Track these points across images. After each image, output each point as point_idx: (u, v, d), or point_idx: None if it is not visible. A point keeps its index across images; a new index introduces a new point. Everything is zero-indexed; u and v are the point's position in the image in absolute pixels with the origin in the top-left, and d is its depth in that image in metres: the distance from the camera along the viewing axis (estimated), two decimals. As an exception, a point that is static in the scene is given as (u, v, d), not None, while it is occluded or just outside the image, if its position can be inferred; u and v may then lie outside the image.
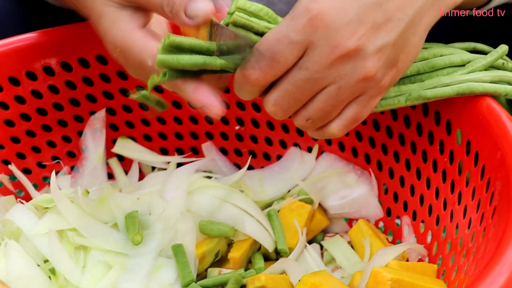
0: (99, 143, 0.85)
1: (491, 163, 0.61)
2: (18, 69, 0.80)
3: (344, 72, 0.58)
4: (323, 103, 0.60)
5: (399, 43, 0.59)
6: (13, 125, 0.82)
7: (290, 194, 0.83)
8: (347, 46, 0.57)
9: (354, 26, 0.57)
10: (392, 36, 0.58)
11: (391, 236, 0.79)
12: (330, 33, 0.56)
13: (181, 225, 0.74)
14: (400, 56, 0.60)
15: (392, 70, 0.60)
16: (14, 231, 0.72)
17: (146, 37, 0.63)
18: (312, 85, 0.59)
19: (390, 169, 0.78)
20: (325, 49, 0.57)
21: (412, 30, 0.59)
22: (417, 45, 0.61)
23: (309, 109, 0.60)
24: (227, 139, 0.87)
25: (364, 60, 0.57)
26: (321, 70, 0.58)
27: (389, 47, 0.58)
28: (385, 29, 0.58)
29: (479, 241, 0.60)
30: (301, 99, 0.60)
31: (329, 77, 0.58)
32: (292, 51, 0.57)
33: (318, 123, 0.62)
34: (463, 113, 0.66)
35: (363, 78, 0.58)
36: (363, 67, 0.58)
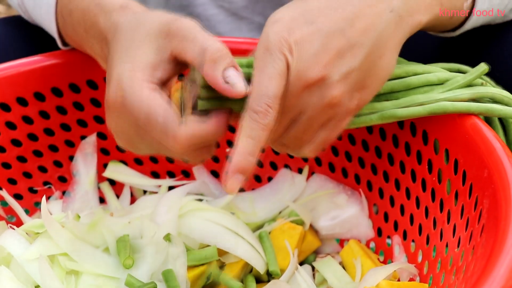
0: (90, 167, 0.85)
1: (479, 181, 0.62)
2: (9, 95, 0.80)
3: (312, 101, 0.60)
4: (295, 131, 0.62)
5: (365, 67, 0.60)
6: (4, 151, 0.82)
7: (281, 216, 0.83)
8: (313, 77, 0.59)
9: (320, 56, 0.59)
10: (357, 61, 0.60)
11: (382, 256, 0.79)
12: (298, 67, 0.58)
13: (172, 248, 0.74)
14: (367, 79, 0.61)
15: (360, 93, 0.61)
16: (5, 257, 0.72)
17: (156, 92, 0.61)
18: (284, 117, 0.61)
19: (380, 189, 0.78)
20: (293, 83, 0.59)
21: (377, 53, 0.61)
22: (385, 67, 0.62)
23: (284, 137, 0.63)
24: (218, 162, 0.88)
25: (329, 87, 0.59)
26: (290, 104, 0.60)
27: (354, 72, 0.60)
28: (349, 55, 0.59)
29: (469, 260, 0.60)
30: (276, 130, 0.61)
31: (299, 107, 0.60)
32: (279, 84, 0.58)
33: (292, 147, 0.64)
34: (450, 133, 0.67)
35: (329, 105, 0.60)
36: (329, 94, 0.59)
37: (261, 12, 0.94)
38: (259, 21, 0.95)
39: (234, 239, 0.76)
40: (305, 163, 0.84)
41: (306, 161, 0.84)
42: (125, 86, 0.61)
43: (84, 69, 0.82)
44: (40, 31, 0.86)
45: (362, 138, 0.78)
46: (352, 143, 0.79)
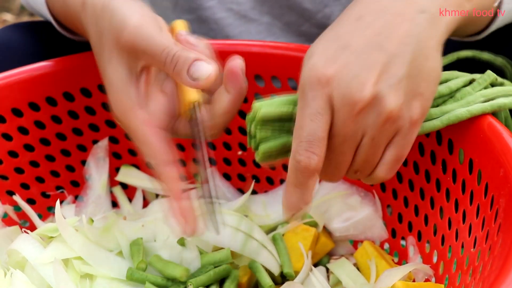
0: (102, 171, 0.85)
1: (494, 181, 0.61)
2: (21, 100, 0.80)
3: (370, 121, 0.58)
4: (363, 156, 0.60)
5: (413, 73, 0.58)
6: (17, 156, 0.82)
7: (294, 218, 0.82)
8: (363, 98, 0.57)
9: (363, 76, 0.57)
10: (403, 69, 0.58)
11: (396, 257, 0.79)
12: (343, 93, 0.57)
13: (186, 253, 0.74)
14: (420, 84, 0.59)
15: (418, 100, 0.59)
16: (19, 261, 0.72)
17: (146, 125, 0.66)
18: (348, 146, 0.59)
19: (393, 190, 0.78)
20: (345, 109, 0.57)
21: (422, 56, 0.59)
22: (433, 67, 0.60)
23: (353, 164, 0.61)
24: (230, 165, 0.88)
25: (383, 103, 0.57)
26: (349, 129, 0.58)
27: (403, 81, 0.58)
28: (393, 66, 0.58)
29: (485, 259, 0.60)
30: (345, 160, 0.60)
31: (359, 131, 0.58)
32: (324, 121, 0.58)
33: (365, 172, 0.62)
34: (464, 132, 0.67)
35: (389, 120, 0.58)
36: (385, 110, 0.57)
37: (269, 12, 0.94)
38: (267, 21, 0.95)
39: (248, 241, 0.76)
40: (318, 165, 0.84)
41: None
42: (117, 113, 0.68)
43: (95, 74, 0.81)
44: (52, 36, 0.86)
45: (375, 139, 0.77)
46: (365, 144, 0.79)
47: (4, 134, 0.80)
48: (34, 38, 0.87)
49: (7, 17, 2.12)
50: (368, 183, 0.64)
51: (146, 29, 0.64)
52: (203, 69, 0.61)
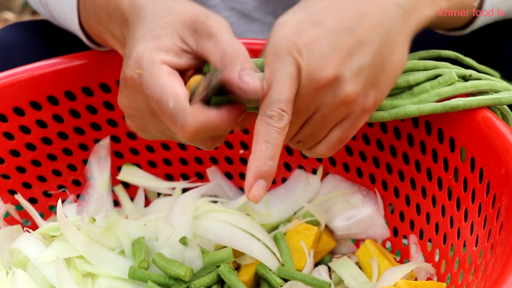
0: (104, 170, 0.85)
1: (496, 179, 0.61)
2: (23, 99, 0.80)
3: (326, 100, 0.60)
4: (310, 128, 0.62)
5: (376, 63, 0.60)
6: (19, 155, 0.82)
7: (296, 217, 0.83)
8: (325, 77, 0.59)
9: (330, 56, 0.59)
10: (368, 58, 0.60)
11: (398, 255, 0.78)
12: (309, 68, 0.58)
13: (188, 252, 0.74)
14: (380, 76, 0.61)
15: (374, 91, 0.61)
16: (21, 260, 0.72)
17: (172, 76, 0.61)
18: (298, 117, 0.61)
19: (395, 188, 0.78)
20: (307, 84, 0.59)
21: (388, 48, 0.61)
22: (397, 63, 0.62)
23: (299, 134, 0.63)
24: (232, 163, 0.88)
25: (342, 86, 0.59)
26: (304, 104, 0.60)
27: (366, 69, 0.60)
28: (359, 52, 0.59)
29: (487, 258, 0.60)
30: (292, 129, 0.62)
31: (313, 107, 0.60)
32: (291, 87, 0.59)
33: (307, 144, 0.64)
34: (466, 131, 0.67)
35: (343, 103, 0.60)
36: (342, 93, 0.59)
37: (272, 12, 0.95)
38: (270, 21, 0.95)
39: (250, 240, 0.76)
40: (320, 164, 0.84)
41: (320, 162, 0.84)
42: (145, 64, 0.60)
43: (97, 73, 0.82)
44: (54, 35, 0.86)
45: (376, 138, 0.77)
46: (366, 142, 0.79)
47: (6, 133, 0.80)
48: (36, 37, 0.87)
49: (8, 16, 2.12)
50: (307, 155, 0.66)
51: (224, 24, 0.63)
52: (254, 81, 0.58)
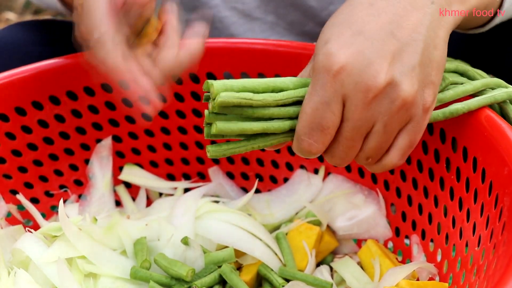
0: (106, 170, 0.85)
1: (499, 179, 0.61)
2: (24, 99, 0.80)
3: (384, 108, 0.58)
4: (374, 142, 0.60)
5: (425, 61, 0.59)
6: (20, 155, 0.82)
7: (298, 217, 0.82)
8: (377, 85, 0.57)
9: (378, 63, 0.57)
10: (415, 57, 0.59)
11: (400, 255, 0.78)
12: (357, 79, 0.57)
13: (190, 252, 0.74)
14: (431, 72, 0.60)
15: (430, 88, 0.60)
16: (23, 260, 0.72)
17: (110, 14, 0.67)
18: (359, 132, 0.59)
19: (397, 188, 0.77)
20: (358, 96, 0.57)
21: (432, 45, 0.60)
22: (442, 56, 0.61)
23: (365, 150, 0.61)
24: (234, 163, 0.88)
25: (397, 90, 0.58)
26: (361, 116, 0.58)
27: (416, 69, 0.59)
28: (405, 54, 0.58)
29: (490, 258, 0.60)
30: (354, 146, 0.60)
31: (371, 118, 0.59)
32: (333, 111, 0.58)
33: (377, 157, 0.62)
34: (468, 130, 0.66)
35: (403, 107, 0.58)
36: (399, 97, 0.58)
37: (273, 11, 0.94)
38: (272, 20, 0.95)
39: (251, 240, 0.76)
40: (321, 164, 0.84)
41: (322, 161, 0.84)
42: None
43: (98, 73, 0.82)
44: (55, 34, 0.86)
45: (378, 138, 0.77)
46: (368, 142, 0.78)
47: (8, 133, 0.80)
48: (37, 37, 0.87)
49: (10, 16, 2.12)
50: (378, 171, 0.64)
51: None
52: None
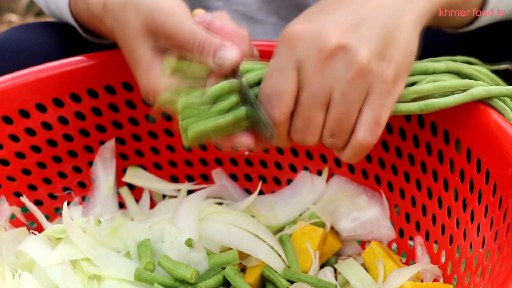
0: (109, 172, 0.85)
1: (503, 181, 0.61)
2: (28, 102, 0.80)
3: (338, 72, 0.58)
4: (335, 113, 0.59)
5: (384, 36, 0.59)
6: (24, 157, 0.82)
7: (301, 218, 0.82)
8: (329, 45, 0.58)
9: (329, 29, 0.58)
10: (373, 31, 0.59)
11: (404, 257, 0.78)
12: (308, 44, 0.58)
13: (194, 254, 0.74)
14: (391, 50, 0.59)
15: (390, 64, 0.59)
16: (27, 263, 0.72)
17: None
18: (316, 99, 0.59)
19: (401, 189, 0.77)
20: (311, 60, 0.58)
21: (394, 25, 0.59)
22: (407, 39, 0.60)
23: (327, 125, 0.60)
24: (237, 165, 0.88)
25: (351, 54, 0.58)
26: (316, 81, 0.58)
27: (374, 40, 0.58)
28: (363, 26, 0.59)
29: (494, 259, 0.60)
30: (315, 116, 0.60)
31: (327, 83, 0.58)
32: (288, 77, 0.59)
33: (343, 135, 0.61)
34: (472, 131, 0.66)
35: (359, 72, 0.58)
36: (354, 61, 0.58)
37: (275, 12, 0.95)
38: (273, 22, 0.95)
39: (255, 242, 0.76)
40: (325, 165, 0.84)
41: (325, 163, 0.84)
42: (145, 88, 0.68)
43: (101, 75, 0.82)
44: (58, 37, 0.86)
45: (381, 139, 0.77)
46: (372, 144, 0.78)
47: (11, 135, 0.81)
48: (40, 39, 0.87)
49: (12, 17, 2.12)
50: (351, 159, 0.62)
51: (176, 13, 0.67)
52: (228, 55, 0.64)
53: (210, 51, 0.64)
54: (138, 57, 0.68)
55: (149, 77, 0.67)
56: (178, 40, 0.66)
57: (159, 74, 0.67)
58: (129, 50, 0.70)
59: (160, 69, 0.67)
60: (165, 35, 0.67)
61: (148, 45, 0.68)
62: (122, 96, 0.83)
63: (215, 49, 0.64)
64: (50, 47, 0.86)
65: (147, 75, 0.67)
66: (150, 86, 0.67)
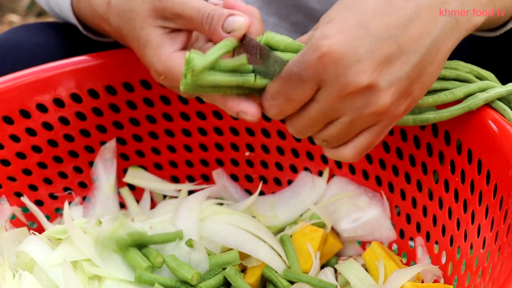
0: (110, 173, 0.85)
1: (503, 181, 0.61)
2: (28, 102, 0.80)
3: (356, 106, 0.58)
4: (335, 130, 0.60)
5: (414, 75, 0.58)
6: (25, 157, 0.82)
7: (302, 219, 0.82)
8: (357, 84, 0.56)
9: (365, 62, 0.56)
10: (406, 69, 0.57)
11: (405, 258, 0.78)
12: (340, 71, 0.56)
13: (194, 254, 0.74)
14: (414, 86, 0.59)
15: (407, 100, 0.60)
16: (28, 263, 0.72)
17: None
18: (324, 117, 0.59)
19: (401, 190, 0.77)
20: (335, 87, 0.57)
21: (429, 60, 0.58)
22: (433, 74, 0.60)
23: (324, 133, 0.61)
24: (238, 165, 0.88)
25: (376, 96, 0.57)
26: (332, 105, 0.58)
27: (402, 81, 0.58)
28: (398, 62, 0.57)
29: (495, 260, 0.60)
30: (315, 126, 0.60)
31: (341, 110, 0.58)
32: (304, 89, 0.58)
33: (333, 144, 0.62)
34: (473, 133, 0.66)
35: (375, 113, 0.58)
36: (375, 103, 0.57)
37: (275, 13, 0.94)
38: (274, 22, 0.95)
39: (256, 242, 0.76)
40: (326, 166, 0.84)
41: (326, 164, 0.84)
42: (161, 71, 0.67)
43: (102, 75, 0.82)
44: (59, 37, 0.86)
45: (383, 140, 0.77)
46: (372, 144, 0.78)
47: (12, 135, 0.81)
48: (41, 39, 0.87)
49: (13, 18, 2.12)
50: (329, 156, 0.63)
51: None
52: (236, 21, 0.63)
53: (219, 21, 0.64)
54: (147, 38, 0.68)
55: (159, 55, 0.67)
56: (187, 16, 0.66)
57: (170, 51, 0.67)
58: (137, 37, 0.69)
59: (171, 47, 0.67)
60: (174, 13, 0.66)
61: (157, 26, 0.68)
62: (123, 97, 0.83)
63: (224, 20, 0.63)
64: (51, 48, 0.86)
65: (157, 53, 0.67)
66: (161, 63, 0.67)
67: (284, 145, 0.85)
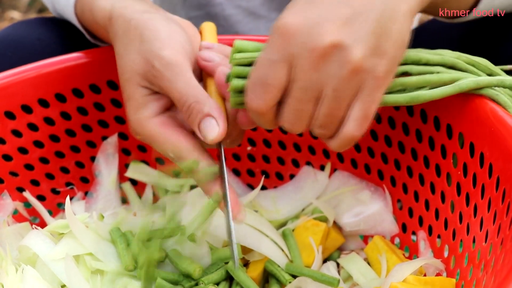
0: (112, 167, 0.85)
1: (506, 174, 0.61)
2: (30, 97, 0.80)
3: (332, 71, 0.58)
4: (325, 108, 0.60)
5: (378, 31, 0.58)
6: (27, 153, 0.82)
7: (304, 213, 0.82)
8: (322, 44, 0.57)
9: (324, 25, 0.57)
10: (367, 26, 0.58)
11: (407, 251, 0.78)
12: (302, 39, 0.57)
13: (197, 249, 0.74)
14: (384, 44, 0.58)
15: (381, 58, 0.59)
16: (30, 257, 0.72)
17: (165, 127, 0.67)
18: (307, 93, 0.59)
19: (403, 184, 0.77)
20: (304, 55, 0.57)
21: (388, 17, 0.59)
22: (401, 31, 0.59)
23: (317, 117, 0.60)
24: (240, 160, 0.88)
25: (345, 53, 0.57)
26: (308, 77, 0.58)
27: (368, 36, 0.58)
28: (357, 22, 0.58)
29: (497, 253, 0.60)
30: (305, 109, 0.60)
31: (320, 80, 0.58)
32: (277, 69, 0.58)
33: (332, 127, 0.61)
34: (475, 126, 0.66)
35: (352, 71, 0.58)
36: (347, 60, 0.57)
37: (278, 8, 0.95)
38: (276, 17, 0.95)
39: (258, 236, 0.76)
40: (328, 160, 0.84)
41: (328, 158, 0.84)
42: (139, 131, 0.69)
43: (104, 70, 0.82)
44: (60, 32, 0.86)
45: (384, 134, 0.77)
46: (374, 138, 0.78)
47: (14, 130, 0.81)
48: (42, 35, 0.88)
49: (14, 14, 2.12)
50: (339, 148, 0.62)
51: (175, 67, 0.66)
52: (211, 130, 0.65)
53: (196, 120, 0.65)
54: (130, 95, 0.68)
55: (139, 117, 0.68)
56: (171, 95, 0.66)
57: (150, 115, 0.67)
58: (123, 83, 0.69)
59: (152, 110, 0.68)
60: (159, 87, 0.67)
61: (143, 86, 0.68)
62: (125, 91, 0.83)
63: (201, 119, 0.64)
64: (52, 43, 0.86)
65: (137, 113, 0.68)
66: (139, 126, 0.68)
67: (286, 139, 0.85)
